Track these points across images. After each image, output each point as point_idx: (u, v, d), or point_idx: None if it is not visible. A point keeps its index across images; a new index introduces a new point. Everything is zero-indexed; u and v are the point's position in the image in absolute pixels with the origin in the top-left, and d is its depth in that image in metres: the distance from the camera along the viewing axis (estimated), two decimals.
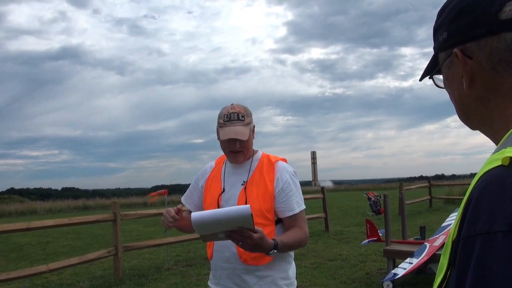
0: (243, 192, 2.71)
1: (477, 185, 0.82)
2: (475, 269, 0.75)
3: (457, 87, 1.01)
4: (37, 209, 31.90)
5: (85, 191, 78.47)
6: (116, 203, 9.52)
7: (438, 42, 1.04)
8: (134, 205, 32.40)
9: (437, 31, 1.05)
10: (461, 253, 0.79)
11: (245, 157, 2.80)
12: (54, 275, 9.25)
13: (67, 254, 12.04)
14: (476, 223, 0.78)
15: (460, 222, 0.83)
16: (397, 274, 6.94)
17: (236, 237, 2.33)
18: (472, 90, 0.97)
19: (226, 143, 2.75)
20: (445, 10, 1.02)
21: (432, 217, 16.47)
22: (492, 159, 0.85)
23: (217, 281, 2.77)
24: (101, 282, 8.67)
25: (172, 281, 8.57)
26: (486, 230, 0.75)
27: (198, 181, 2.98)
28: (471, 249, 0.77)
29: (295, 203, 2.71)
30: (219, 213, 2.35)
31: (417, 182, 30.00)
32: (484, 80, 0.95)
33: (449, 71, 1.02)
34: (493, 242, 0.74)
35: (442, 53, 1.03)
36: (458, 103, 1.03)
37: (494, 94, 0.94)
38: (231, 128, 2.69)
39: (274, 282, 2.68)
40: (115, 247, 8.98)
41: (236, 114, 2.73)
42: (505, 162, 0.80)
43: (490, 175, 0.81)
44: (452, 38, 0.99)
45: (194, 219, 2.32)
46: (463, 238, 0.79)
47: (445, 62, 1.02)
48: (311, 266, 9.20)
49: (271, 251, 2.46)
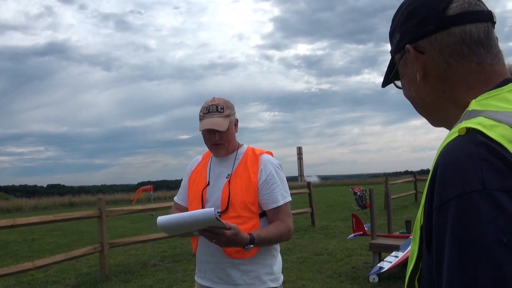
0: (227, 185, 2.72)
1: (440, 156, 0.84)
2: (454, 233, 0.75)
3: (413, 83, 1.06)
4: (22, 206, 31.57)
5: (71, 187, 78.02)
6: (102, 200, 9.50)
7: (393, 45, 1.11)
8: (119, 201, 32.21)
9: (392, 35, 1.11)
10: (436, 223, 0.79)
11: (227, 150, 2.80)
12: (40, 272, 9.19)
13: (53, 251, 11.94)
14: (446, 189, 0.78)
15: (425, 198, 0.85)
16: (383, 268, 6.99)
17: (209, 235, 2.39)
18: (427, 84, 1.03)
19: (206, 135, 2.76)
20: (397, 15, 1.09)
21: (418, 211, 16.46)
22: (449, 134, 0.89)
23: (203, 275, 2.77)
24: (87, 279, 8.63)
25: (159, 277, 8.55)
26: (459, 192, 0.76)
27: (187, 176, 2.98)
28: (446, 216, 0.77)
29: (279, 195, 2.71)
30: (183, 217, 2.39)
31: (402, 177, 30.07)
32: (437, 73, 1.01)
33: (404, 70, 1.08)
34: (470, 203, 0.74)
35: (398, 55, 1.09)
36: (416, 98, 1.08)
37: (447, 85, 1.00)
38: (209, 119, 2.71)
39: (258, 278, 2.68)
40: (100, 244, 8.95)
41: (215, 106, 2.74)
42: (462, 132, 0.83)
43: (452, 144, 0.84)
44: (405, 39, 1.05)
45: (160, 224, 2.41)
46: (435, 208, 0.79)
47: (400, 62, 1.08)
48: (297, 260, 9.23)
49: (248, 246, 2.49)
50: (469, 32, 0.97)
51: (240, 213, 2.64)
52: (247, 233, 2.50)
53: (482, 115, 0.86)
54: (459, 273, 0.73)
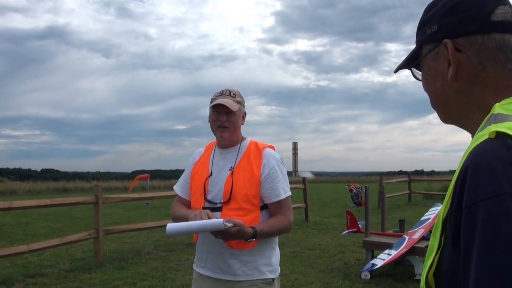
0: (229, 177, 2.76)
1: (470, 157, 0.86)
2: (483, 234, 0.77)
3: (440, 78, 1.06)
4: (16, 189, 31.54)
5: (65, 173, 77.63)
6: (98, 186, 9.55)
7: (425, 35, 1.08)
8: (114, 189, 32.19)
9: (424, 24, 1.09)
10: (466, 222, 0.81)
11: (231, 136, 2.84)
12: (34, 256, 9.22)
13: (47, 235, 11.97)
14: (477, 190, 0.80)
15: (453, 196, 0.86)
16: (375, 265, 7.05)
17: (214, 232, 2.50)
18: (456, 82, 1.02)
19: (214, 116, 2.82)
20: (435, 6, 1.07)
21: (411, 211, 16.64)
22: (478, 136, 0.90)
23: (203, 265, 2.81)
24: (81, 265, 8.67)
25: (152, 266, 8.60)
26: (490, 194, 0.78)
27: (189, 168, 3.02)
28: (476, 216, 0.78)
29: (281, 189, 2.77)
30: (193, 227, 2.49)
31: (397, 177, 30.16)
32: (469, 74, 1.01)
33: (433, 62, 1.07)
34: (500, 205, 0.76)
35: (429, 45, 1.07)
36: (439, 94, 1.07)
37: (477, 87, 1.00)
38: (220, 99, 2.79)
39: (257, 268, 2.73)
40: (96, 230, 8.98)
41: (228, 91, 2.84)
42: (492, 135, 0.84)
43: (482, 146, 0.85)
44: (443, 32, 1.03)
45: (169, 232, 2.50)
46: (465, 208, 0.81)
47: (430, 53, 1.07)
48: (291, 254, 9.33)
49: (250, 239, 2.58)
50: (508, 41, 0.99)
51: (242, 205, 2.70)
52: (250, 226, 2.57)
53: (510, 120, 0.87)
54: (487, 273, 0.75)
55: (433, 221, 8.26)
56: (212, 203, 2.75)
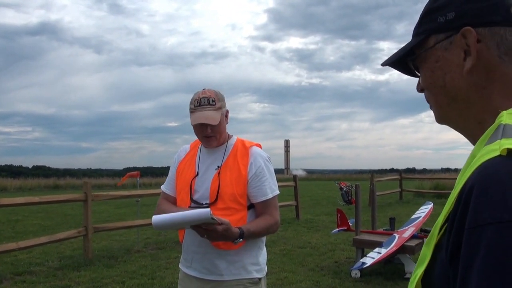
0: (216, 177, 2.74)
1: (478, 173, 0.79)
2: (485, 260, 0.71)
3: (451, 70, 0.98)
4: (7, 186, 31.38)
5: (56, 170, 77.49)
6: (88, 184, 9.46)
7: (435, 23, 1.00)
8: (105, 186, 32.18)
9: (434, 11, 1.00)
10: (468, 243, 0.75)
11: (218, 141, 2.82)
12: (23, 253, 9.18)
13: (37, 233, 11.90)
14: (484, 212, 0.74)
15: (454, 212, 0.80)
16: (365, 263, 7.05)
17: (201, 231, 2.45)
18: (470, 75, 0.95)
19: (197, 128, 2.77)
20: None
21: (402, 209, 16.67)
22: (488, 149, 0.82)
23: (189, 265, 2.79)
24: (70, 262, 8.63)
25: (142, 263, 8.57)
26: (498, 219, 0.72)
27: (174, 166, 2.99)
28: (479, 239, 0.73)
29: (268, 189, 2.75)
30: (178, 218, 2.44)
31: (388, 174, 30.28)
32: (487, 66, 0.94)
33: (445, 53, 0.98)
34: (508, 232, 0.71)
35: (440, 34, 0.99)
36: (448, 87, 0.99)
37: (492, 82, 0.94)
38: (201, 113, 2.71)
39: (244, 267, 2.71)
40: (85, 228, 8.94)
41: (206, 99, 2.73)
42: (504, 152, 0.78)
43: (493, 164, 0.79)
44: (462, 19, 0.96)
45: (155, 223, 2.46)
46: (469, 228, 0.75)
47: (441, 43, 0.99)
48: (281, 252, 9.33)
49: (237, 240, 2.54)
50: None
51: (229, 205, 2.67)
52: (237, 227, 2.54)
53: None
54: None
55: (423, 220, 8.29)
56: (198, 203, 2.72)
